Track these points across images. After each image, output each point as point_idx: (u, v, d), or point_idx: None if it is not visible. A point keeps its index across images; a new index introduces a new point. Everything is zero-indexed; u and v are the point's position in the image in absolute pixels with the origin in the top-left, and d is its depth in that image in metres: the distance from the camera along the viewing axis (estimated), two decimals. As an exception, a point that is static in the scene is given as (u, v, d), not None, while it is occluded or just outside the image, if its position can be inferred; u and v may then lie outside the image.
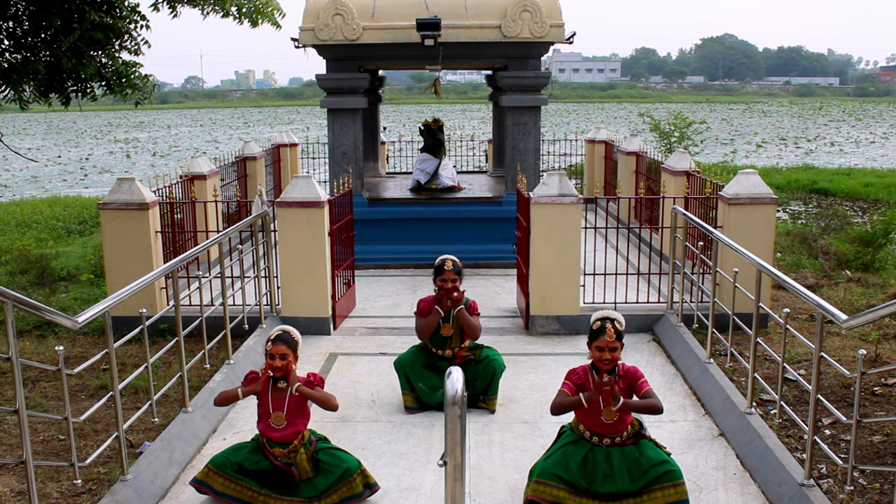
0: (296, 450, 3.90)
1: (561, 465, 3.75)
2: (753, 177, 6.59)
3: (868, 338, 6.19)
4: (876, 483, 3.99)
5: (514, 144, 9.08)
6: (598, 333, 3.74)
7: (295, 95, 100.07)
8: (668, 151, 14.53)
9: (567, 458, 3.77)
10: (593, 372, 3.82)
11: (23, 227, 12.25)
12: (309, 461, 3.92)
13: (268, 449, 3.92)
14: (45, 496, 3.94)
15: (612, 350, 3.72)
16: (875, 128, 44.92)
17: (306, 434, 3.98)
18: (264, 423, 3.91)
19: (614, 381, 3.73)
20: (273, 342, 3.91)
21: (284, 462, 3.89)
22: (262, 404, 3.93)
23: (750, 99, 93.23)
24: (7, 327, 3.22)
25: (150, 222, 6.56)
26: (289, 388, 3.92)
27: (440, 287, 5.00)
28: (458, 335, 5.11)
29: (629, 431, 3.83)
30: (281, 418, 3.88)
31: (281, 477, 3.91)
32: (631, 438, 3.82)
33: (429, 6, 8.66)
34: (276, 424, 3.88)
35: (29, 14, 5.61)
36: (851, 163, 24.28)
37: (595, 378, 3.80)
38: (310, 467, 3.91)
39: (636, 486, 3.70)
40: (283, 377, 3.93)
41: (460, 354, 5.16)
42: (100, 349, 5.27)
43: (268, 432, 3.91)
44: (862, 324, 3.68)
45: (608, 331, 3.71)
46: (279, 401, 3.90)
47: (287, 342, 3.92)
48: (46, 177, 25.37)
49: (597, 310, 4.18)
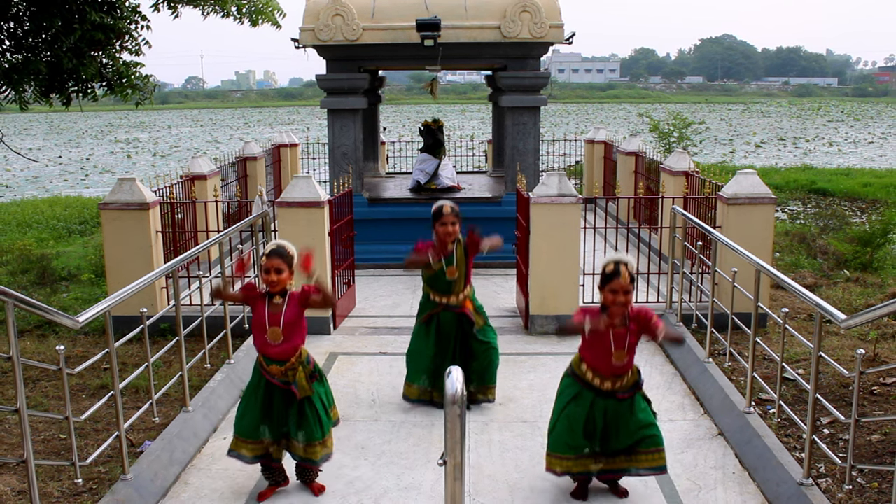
0: (293, 368, 3.89)
1: (567, 432, 3.86)
2: (752, 177, 6.60)
3: (867, 337, 6.20)
4: (874, 482, 4.00)
5: (514, 144, 9.09)
6: (611, 276, 3.71)
7: (295, 96, 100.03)
8: (668, 152, 14.54)
9: (571, 424, 3.85)
10: (604, 316, 3.79)
11: (24, 227, 12.26)
12: (307, 379, 3.92)
13: (265, 367, 3.91)
14: (46, 495, 3.95)
15: (626, 293, 3.71)
16: (873, 128, 44.94)
17: (304, 352, 3.97)
18: (260, 338, 3.88)
19: (626, 328, 3.76)
20: (268, 256, 3.84)
21: (283, 381, 3.89)
22: (258, 319, 3.88)
23: (749, 99, 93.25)
24: (8, 327, 3.23)
25: (150, 222, 6.57)
26: (284, 304, 3.87)
27: (440, 232, 4.93)
28: (463, 278, 5.01)
29: (629, 379, 3.86)
30: (277, 334, 3.84)
31: (281, 406, 3.92)
32: (629, 390, 3.85)
33: (428, 7, 8.68)
34: (273, 340, 3.85)
35: (30, 14, 5.62)
36: (850, 163, 24.30)
37: (607, 321, 3.78)
38: (308, 385, 3.92)
39: (625, 444, 3.87)
40: (278, 292, 3.88)
41: (466, 306, 5.06)
42: (100, 349, 5.28)
43: (265, 348, 3.89)
44: (860, 323, 3.69)
45: (622, 273, 3.68)
46: (275, 316, 3.85)
47: (282, 256, 3.85)
48: (47, 177, 25.39)
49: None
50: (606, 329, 3.74)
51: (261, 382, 3.96)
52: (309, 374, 3.95)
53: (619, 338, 3.76)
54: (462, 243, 4.98)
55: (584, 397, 3.87)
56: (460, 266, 4.98)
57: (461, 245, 4.98)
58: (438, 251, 4.94)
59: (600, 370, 3.82)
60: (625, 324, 3.78)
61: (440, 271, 4.96)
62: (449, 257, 4.97)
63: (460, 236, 5.01)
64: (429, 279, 5.05)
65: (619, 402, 3.85)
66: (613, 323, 3.75)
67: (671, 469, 4.30)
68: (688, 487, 4.14)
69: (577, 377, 3.92)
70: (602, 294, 3.80)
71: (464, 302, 5.06)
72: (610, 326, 3.74)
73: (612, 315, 3.76)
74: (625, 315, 3.79)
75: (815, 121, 51.78)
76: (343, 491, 4.14)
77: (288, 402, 3.96)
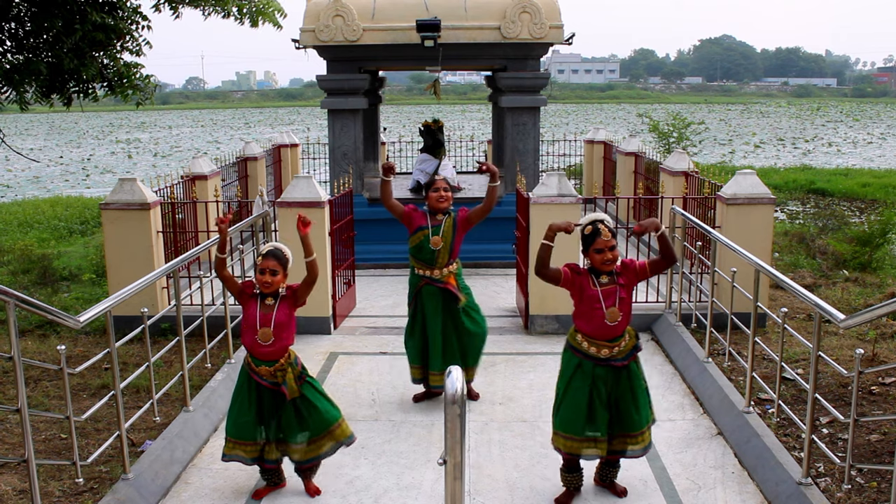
0: (283, 368, 3.92)
1: (573, 410, 3.83)
2: (751, 177, 6.62)
3: (865, 337, 6.21)
4: (873, 482, 4.01)
5: (514, 145, 9.11)
6: (593, 236, 3.73)
7: (296, 96, 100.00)
8: (667, 152, 14.56)
9: (577, 402, 3.82)
10: (592, 276, 3.80)
11: (25, 227, 12.28)
12: (296, 380, 3.95)
13: (253, 368, 3.93)
14: (47, 495, 3.96)
15: (612, 249, 3.72)
16: (872, 128, 44.96)
17: (292, 353, 4.00)
18: (250, 338, 3.90)
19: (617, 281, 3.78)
20: (264, 257, 3.90)
21: (272, 382, 3.91)
22: (249, 319, 3.91)
23: (748, 100, 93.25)
24: (9, 327, 3.24)
25: (151, 222, 6.59)
26: (276, 305, 3.90)
27: (432, 198, 4.98)
28: (447, 252, 5.01)
29: (627, 342, 3.82)
30: (268, 334, 3.87)
31: (271, 408, 3.95)
32: (628, 356, 3.83)
33: (429, 7, 8.69)
34: (263, 341, 3.87)
35: (31, 15, 5.62)
36: (849, 163, 24.32)
37: (595, 282, 3.78)
38: (297, 386, 3.95)
39: (625, 429, 3.88)
40: (270, 294, 3.92)
41: (450, 281, 5.05)
42: (101, 348, 5.29)
43: (254, 348, 3.91)
44: (859, 323, 3.70)
45: (603, 231, 3.71)
46: (267, 317, 3.88)
47: (278, 258, 3.90)
48: (48, 177, 25.40)
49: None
50: (594, 288, 3.75)
51: (250, 384, 3.97)
52: (297, 376, 3.98)
53: (609, 294, 3.75)
54: (452, 217, 5.02)
55: (584, 369, 3.84)
56: (446, 237, 5.00)
57: (451, 219, 5.02)
58: (425, 216, 5.03)
59: (595, 336, 3.78)
60: (614, 280, 3.77)
61: (424, 239, 4.99)
62: (436, 227, 5.00)
63: (452, 211, 5.05)
64: (413, 249, 5.07)
65: (617, 373, 3.82)
66: (599, 282, 3.76)
67: (670, 468, 4.32)
68: (687, 487, 4.15)
69: (573, 349, 3.89)
70: (588, 257, 3.79)
71: (447, 278, 5.05)
72: (568, 230, 3.71)
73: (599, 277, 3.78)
74: (613, 272, 3.79)
75: (814, 121, 51.80)
76: (343, 490, 4.15)
77: (278, 404, 3.97)
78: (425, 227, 5.00)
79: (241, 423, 3.98)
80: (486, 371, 5.79)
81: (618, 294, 3.76)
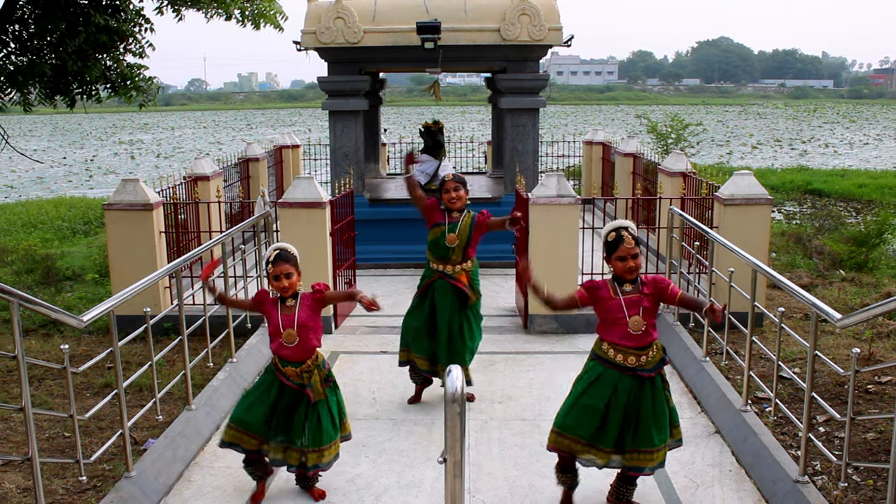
0: (309, 370, 3.90)
1: (585, 414, 3.71)
2: (749, 178, 6.65)
3: (862, 336, 6.25)
4: (870, 480, 4.04)
5: (513, 146, 9.15)
6: (616, 244, 3.63)
7: (297, 98, 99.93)
8: (665, 153, 14.59)
9: (588, 411, 3.70)
10: (615, 284, 3.71)
11: (28, 227, 12.31)
12: (322, 383, 3.93)
13: (280, 369, 3.91)
14: (50, 493, 3.98)
15: (634, 257, 3.63)
16: (868, 129, 44.98)
17: (320, 356, 3.98)
18: (276, 342, 3.89)
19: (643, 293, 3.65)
20: (274, 263, 3.83)
21: (297, 383, 3.89)
22: (274, 326, 3.89)
23: (745, 101, 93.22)
24: (13, 326, 3.26)
25: (154, 223, 6.62)
26: (297, 306, 3.88)
27: (445, 199, 4.99)
28: (462, 250, 5.01)
29: (654, 354, 3.70)
30: (293, 336, 3.85)
31: (285, 410, 3.92)
32: (654, 368, 3.69)
33: (429, 9, 8.73)
34: (288, 342, 3.85)
35: (35, 17, 5.66)
36: (845, 164, 24.34)
37: (617, 290, 3.69)
38: (322, 389, 3.92)
39: (639, 445, 3.71)
40: (291, 296, 3.90)
41: (462, 279, 5.04)
42: (104, 348, 5.31)
43: (280, 350, 3.89)
44: (856, 323, 3.73)
45: (626, 238, 3.61)
46: (289, 318, 3.86)
47: (289, 260, 3.86)
48: (52, 178, 25.40)
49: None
50: (615, 297, 3.65)
51: (274, 382, 3.95)
52: (324, 378, 3.95)
53: (633, 304, 3.64)
54: (472, 217, 5.03)
55: (606, 379, 3.69)
56: (462, 236, 5.00)
57: (470, 217, 5.03)
58: (443, 213, 5.04)
59: (620, 343, 3.65)
60: (638, 289, 3.68)
61: (441, 235, 5.01)
62: (453, 224, 5.01)
63: (471, 209, 5.06)
64: (430, 243, 5.10)
65: (642, 384, 3.68)
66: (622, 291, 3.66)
67: (668, 466, 4.35)
68: (685, 485, 4.19)
69: (599, 358, 3.75)
70: (610, 264, 3.69)
71: (460, 275, 5.06)
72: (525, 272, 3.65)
73: (622, 286, 3.68)
74: (637, 280, 3.70)
75: (810, 122, 51.84)
76: (344, 488, 4.18)
77: (294, 407, 3.93)
78: (442, 223, 5.03)
79: (253, 413, 3.93)
80: (485, 370, 5.83)
81: (641, 304, 3.65)
